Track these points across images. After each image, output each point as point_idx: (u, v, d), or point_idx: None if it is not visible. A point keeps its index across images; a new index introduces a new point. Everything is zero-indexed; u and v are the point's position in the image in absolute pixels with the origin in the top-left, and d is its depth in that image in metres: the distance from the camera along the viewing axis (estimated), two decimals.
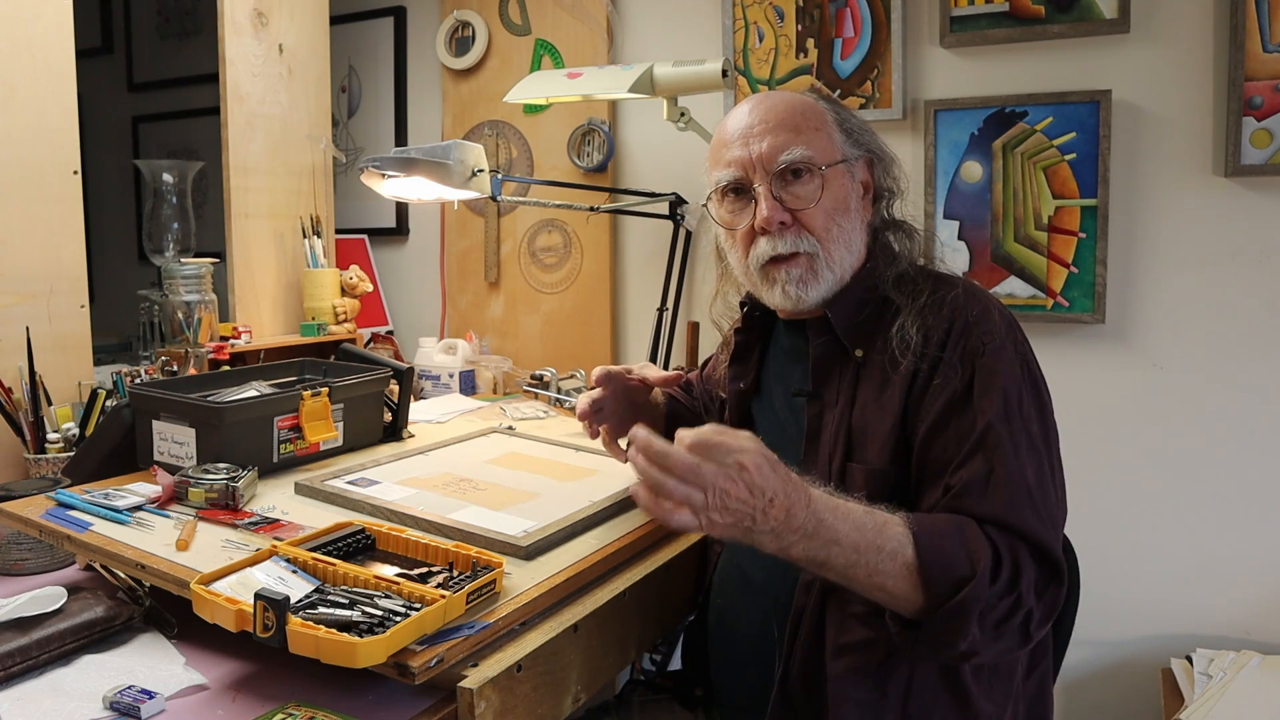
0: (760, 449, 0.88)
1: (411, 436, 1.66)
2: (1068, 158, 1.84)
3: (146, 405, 1.37)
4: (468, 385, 2.25)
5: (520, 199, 2.25)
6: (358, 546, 1.08)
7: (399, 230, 2.65)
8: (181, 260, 1.90)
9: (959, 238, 1.93)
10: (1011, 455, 0.96)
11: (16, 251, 1.54)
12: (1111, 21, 1.79)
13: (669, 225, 2.10)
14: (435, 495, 1.28)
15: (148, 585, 1.11)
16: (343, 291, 2.21)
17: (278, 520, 1.19)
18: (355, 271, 2.23)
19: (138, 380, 1.62)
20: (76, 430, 1.48)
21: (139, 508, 1.21)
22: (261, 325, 2.11)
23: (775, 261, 1.12)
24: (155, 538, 1.12)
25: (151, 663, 0.99)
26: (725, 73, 1.81)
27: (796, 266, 1.11)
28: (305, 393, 1.42)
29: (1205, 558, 1.83)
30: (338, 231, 2.36)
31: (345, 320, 2.19)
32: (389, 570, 1.00)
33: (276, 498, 1.29)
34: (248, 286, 2.08)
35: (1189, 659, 1.70)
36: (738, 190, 1.15)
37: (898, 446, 1.04)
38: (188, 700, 0.92)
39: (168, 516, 1.20)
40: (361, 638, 0.84)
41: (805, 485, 0.90)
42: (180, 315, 1.80)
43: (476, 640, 0.92)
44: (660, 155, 2.28)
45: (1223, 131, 1.75)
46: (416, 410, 1.86)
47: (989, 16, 1.87)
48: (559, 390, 2.04)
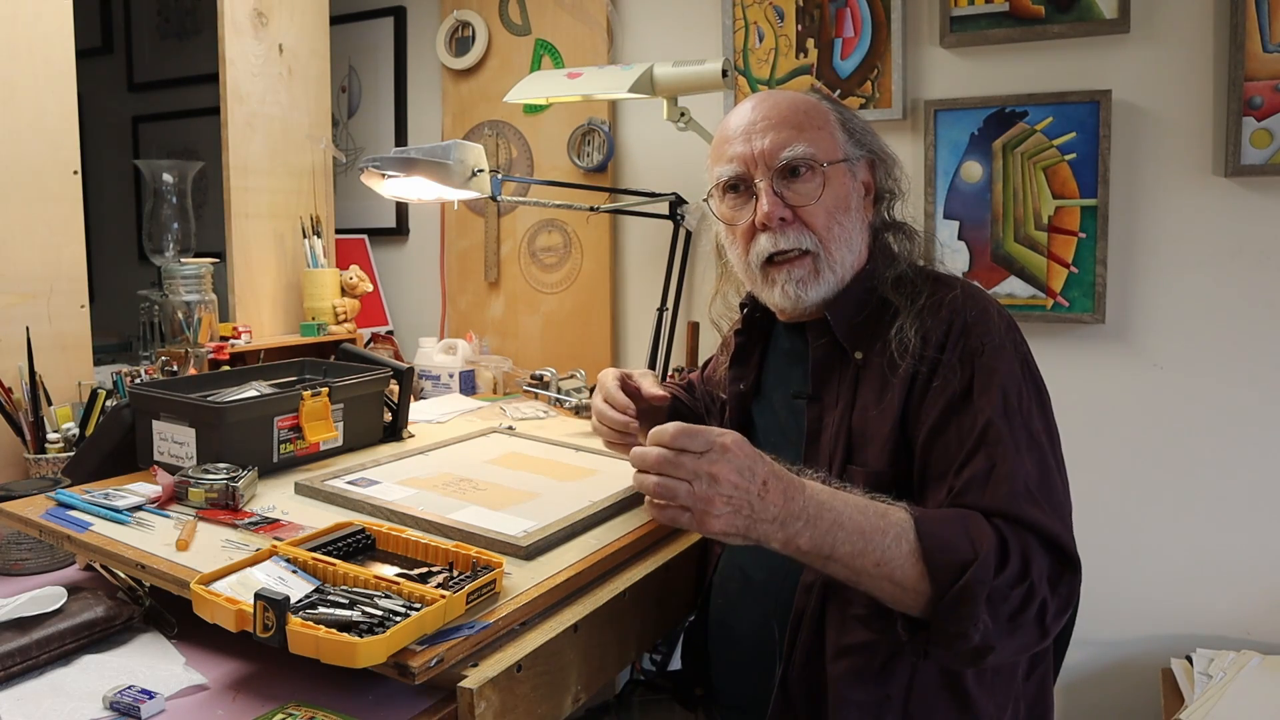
0: (738, 435, 0.88)
1: (411, 436, 1.66)
2: (1068, 158, 1.84)
3: (146, 405, 1.37)
4: (468, 385, 2.25)
5: (520, 199, 2.25)
6: (358, 546, 1.08)
7: (399, 230, 2.65)
8: (181, 260, 1.90)
9: (959, 238, 1.93)
10: (1013, 450, 0.96)
11: (16, 251, 1.54)
12: (1111, 21, 1.79)
13: (669, 225, 2.10)
14: (435, 495, 1.28)
15: (148, 585, 1.11)
16: (343, 291, 2.21)
17: (278, 520, 1.19)
18: (355, 271, 2.23)
19: (138, 380, 1.62)
20: (76, 430, 1.48)
21: (139, 508, 1.21)
22: (261, 325, 2.11)
23: (775, 262, 1.12)
24: (155, 538, 1.12)
25: (151, 663, 0.99)
26: (725, 73, 1.81)
27: (799, 267, 1.11)
28: (305, 393, 1.42)
29: (1205, 558, 1.82)
30: (338, 231, 2.36)
31: (345, 320, 2.19)
32: (389, 570, 1.00)
33: (276, 498, 1.29)
34: (248, 286, 2.08)
35: (1189, 659, 1.70)
36: (739, 186, 1.15)
37: (897, 449, 1.04)
38: (188, 700, 0.92)
39: (168, 516, 1.20)
40: (361, 638, 0.84)
41: (797, 475, 0.91)
42: (180, 315, 1.80)
43: (476, 640, 0.92)
44: (660, 155, 2.28)
45: (1223, 131, 1.75)
46: (416, 410, 1.86)
47: (989, 16, 1.87)
48: (559, 390, 2.04)
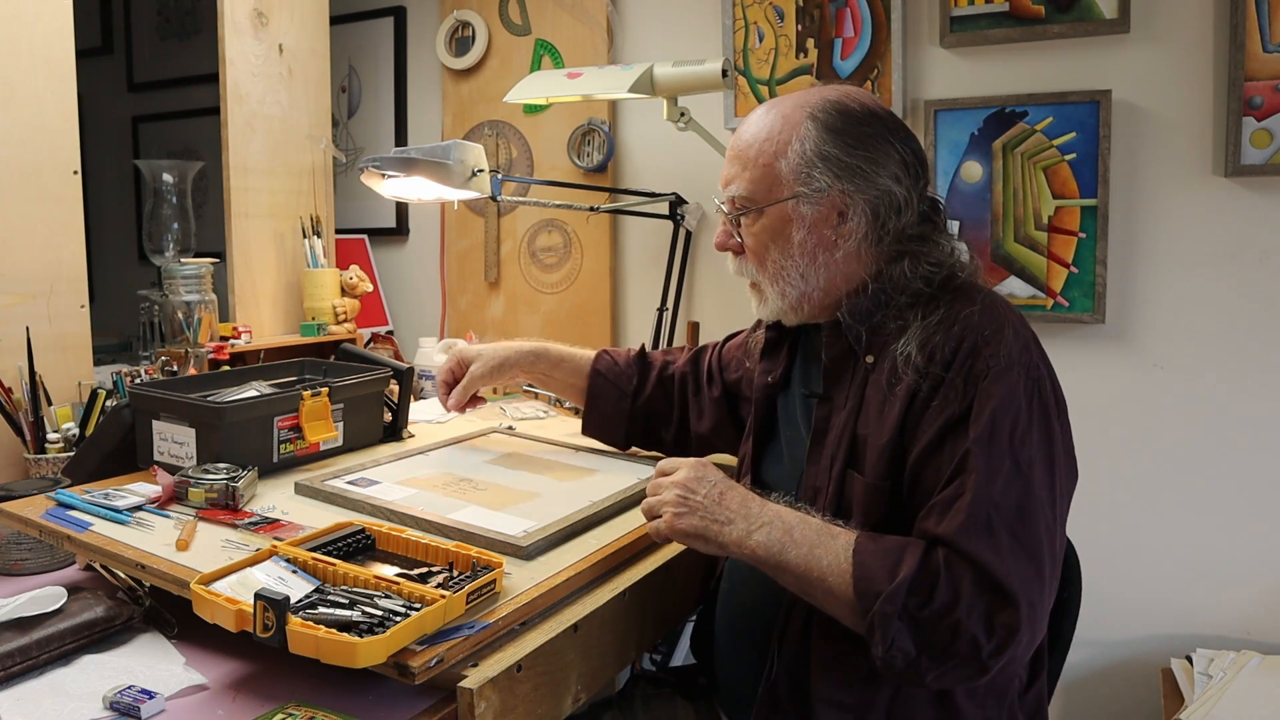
0: (703, 459, 1.09)
1: (411, 436, 1.66)
2: (1068, 158, 1.84)
3: (146, 405, 1.37)
4: None
5: (520, 199, 2.25)
6: (358, 546, 1.08)
7: (399, 230, 2.65)
8: (181, 260, 1.90)
9: (959, 238, 1.92)
10: (984, 480, 0.93)
11: (16, 251, 1.54)
12: (1111, 21, 1.79)
13: (669, 225, 2.10)
14: (435, 495, 1.28)
15: (148, 585, 1.10)
16: (343, 291, 2.21)
17: (278, 520, 1.19)
18: (355, 271, 2.23)
19: (138, 380, 1.62)
20: (76, 430, 1.48)
21: (139, 508, 1.21)
22: (261, 325, 2.11)
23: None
24: (155, 538, 1.12)
25: (151, 663, 0.99)
26: (725, 73, 1.81)
27: (752, 289, 1.19)
28: (305, 393, 1.42)
29: (1205, 558, 1.83)
30: (338, 231, 2.36)
31: (345, 320, 2.19)
32: (389, 570, 1.00)
33: (276, 498, 1.29)
34: (248, 286, 2.08)
35: (1189, 659, 1.70)
36: None
37: (892, 461, 1.03)
38: (188, 700, 0.92)
39: (168, 516, 1.20)
40: (361, 638, 0.84)
41: (765, 496, 1.04)
42: (180, 315, 1.80)
43: (476, 640, 0.92)
44: (660, 155, 2.28)
45: (1223, 131, 1.75)
46: (416, 410, 1.86)
47: (989, 16, 1.87)
48: None
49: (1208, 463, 1.82)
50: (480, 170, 1.76)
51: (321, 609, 0.90)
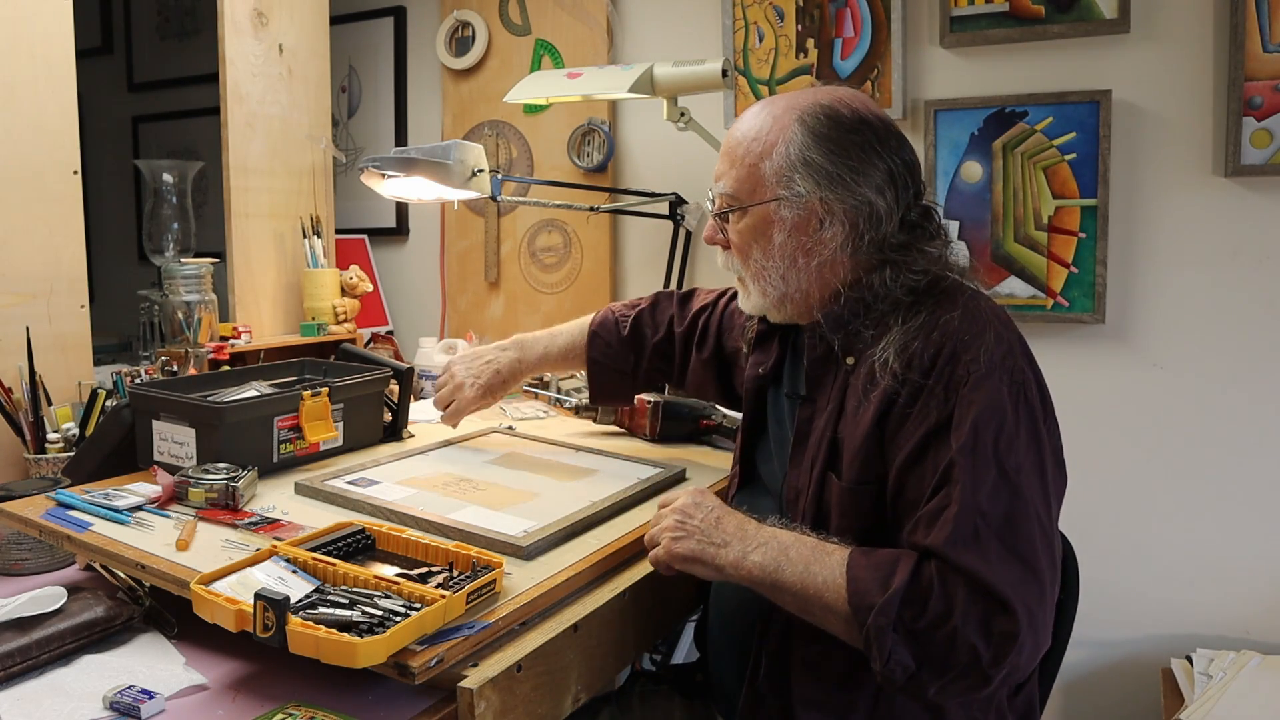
0: (696, 490, 1.11)
1: (411, 436, 1.66)
2: (1068, 158, 1.84)
3: (146, 405, 1.37)
4: None
5: (520, 199, 2.25)
6: (358, 546, 1.08)
7: (399, 230, 2.65)
8: (181, 260, 1.90)
9: (959, 237, 1.93)
10: (969, 490, 0.92)
11: (16, 251, 1.54)
12: (1111, 21, 1.79)
13: (669, 225, 2.10)
14: (435, 495, 1.28)
15: (148, 585, 1.10)
16: (343, 291, 2.21)
17: (278, 520, 1.19)
18: (355, 271, 2.23)
19: (138, 380, 1.62)
20: (76, 430, 1.48)
21: (139, 508, 1.21)
22: (261, 325, 2.11)
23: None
24: (155, 538, 1.12)
25: (151, 663, 0.99)
26: (725, 73, 1.81)
27: (739, 282, 1.20)
28: (305, 393, 1.42)
29: (1205, 558, 1.83)
30: (338, 231, 2.36)
31: (345, 320, 2.19)
32: (389, 570, 1.00)
33: (276, 498, 1.29)
34: (248, 286, 2.08)
35: (1189, 659, 1.70)
36: None
37: (867, 464, 1.02)
38: (188, 700, 0.92)
39: (168, 516, 1.20)
40: (361, 638, 0.84)
41: (760, 521, 1.05)
42: (180, 315, 1.80)
43: (476, 640, 0.92)
44: (660, 155, 2.28)
45: (1223, 131, 1.75)
46: (416, 410, 1.86)
47: (989, 16, 1.87)
48: (559, 390, 2.04)
49: (1208, 462, 1.82)
50: (480, 170, 1.76)
51: (321, 609, 0.90)
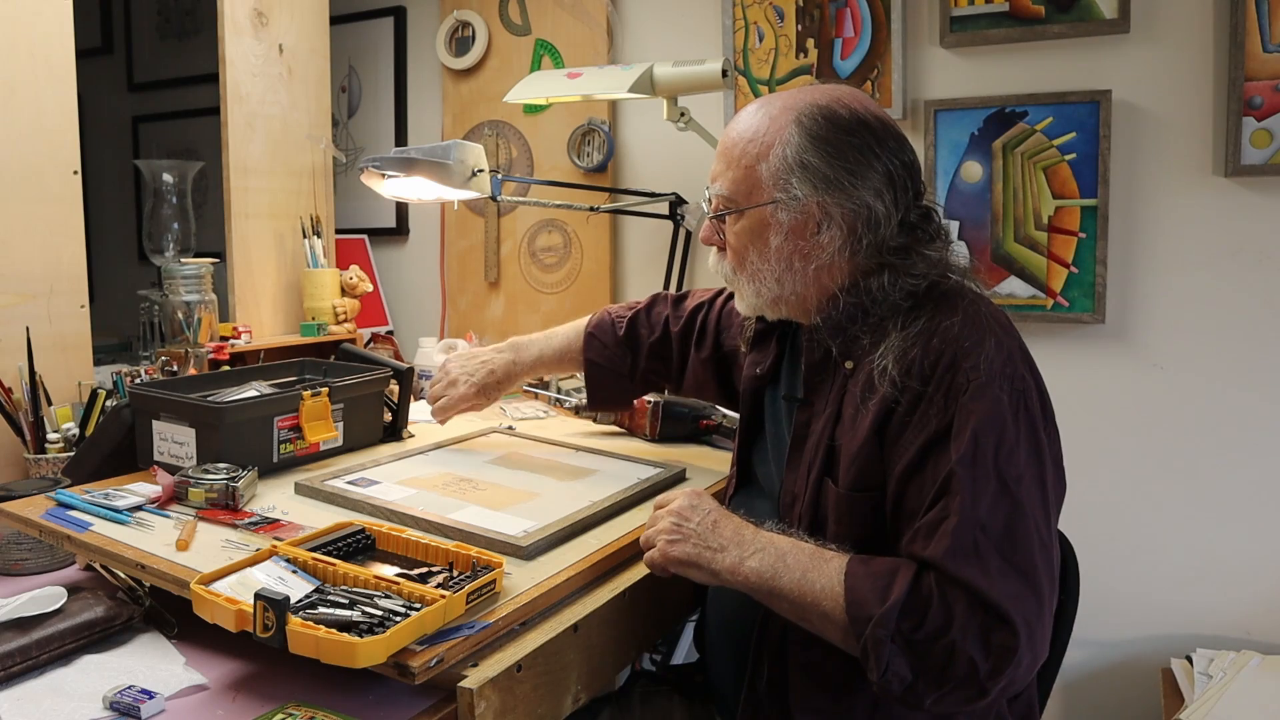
0: (693, 491, 1.10)
1: (411, 436, 1.66)
2: (1068, 158, 1.84)
3: (146, 405, 1.37)
4: None
5: (520, 199, 2.25)
6: (358, 546, 1.08)
7: (399, 230, 2.65)
8: (181, 260, 1.90)
9: (959, 237, 1.93)
10: (969, 502, 0.92)
11: (16, 251, 1.54)
12: (1111, 21, 1.79)
13: (669, 225, 2.10)
14: (435, 495, 1.28)
15: (148, 585, 1.10)
16: (343, 291, 2.21)
17: (278, 520, 1.19)
18: (355, 271, 2.23)
19: (138, 380, 1.62)
20: (76, 430, 1.48)
21: (139, 508, 1.21)
22: (261, 325, 2.11)
23: None
24: (155, 538, 1.12)
25: (151, 663, 0.99)
26: (725, 73, 1.81)
27: (730, 284, 1.19)
28: (305, 393, 1.42)
29: (1205, 558, 1.83)
30: (338, 231, 2.36)
31: (345, 320, 2.19)
32: (389, 570, 1.00)
33: (276, 498, 1.29)
34: (248, 286, 2.08)
35: (1189, 659, 1.70)
36: None
37: (865, 471, 1.01)
38: (188, 700, 0.92)
39: (168, 516, 1.20)
40: (361, 638, 0.84)
41: (759, 526, 1.04)
42: (180, 315, 1.80)
43: (476, 640, 0.92)
44: (660, 155, 2.28)
45: (1223, 131, 1.75)
46: (416, 410, 1.86)
47: (989, 16, 1.87)
48: (559, 390, 2.04)
49: (1208, 462, 1.82)
50: (480, 170, 1.76)
51: (321, 609, 0.90)
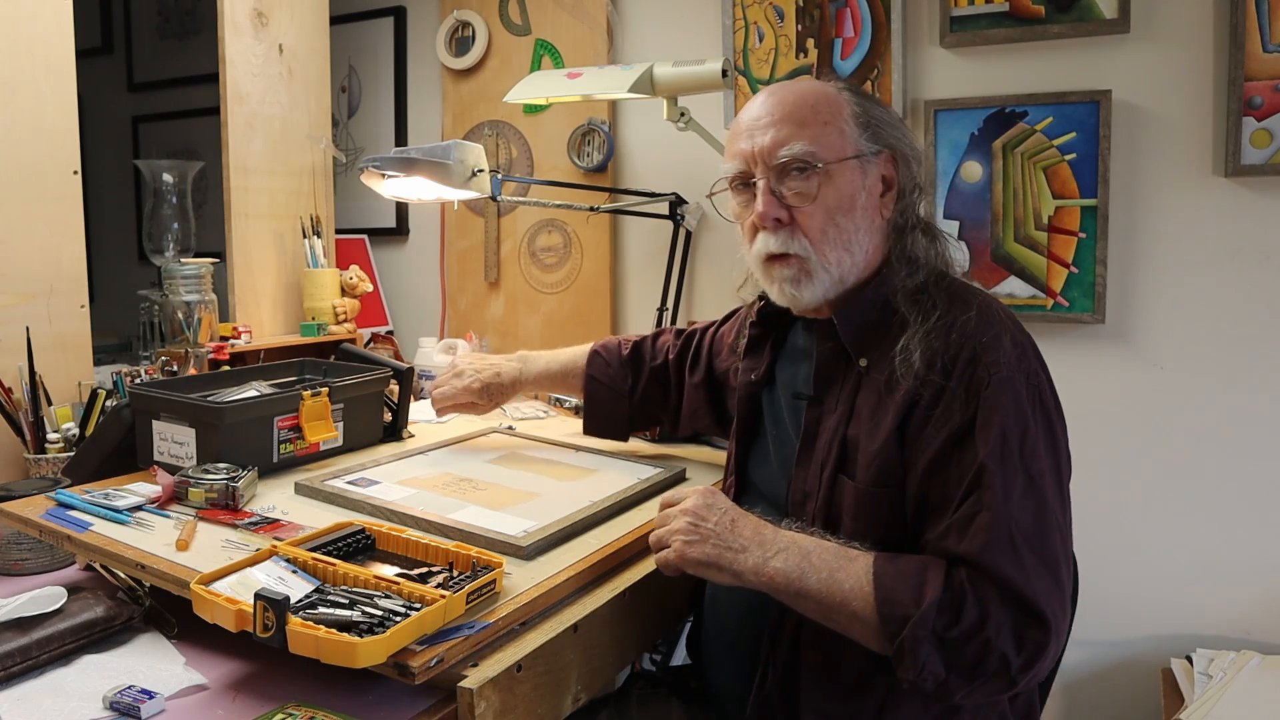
0: (706, 489, 1.06)
1: (411, 436, 1.66)
2: (1068, 158, 1.84)
3: (146, 405, 1.37)
4: None
5: (520, 199, 2.25)
6: (358, 546, 1.08)
7: (399, 230, 2.65)
8: (181, 260, 1.90)
9: (959, 237, 1.93)
10: (1001, 499, 0.93)
11: (16, 251, 1.54)
12: (1111, 21, 1.79)
13: (669, 225, 2.10)
14: (435, 495, 1.28)
15: (148, 585, 1.11)
16: (343, 291, 2.21)
17: (278, 520, 1.19)
18: (355, 271, 2.23)
19: (138, 380, 1.62)
20: (76, 430, 1.48)
21: (139, 508, 1.21)
22: (261, 325, 2.11)
23: (772, 259, 1.11)
24: (155, 538, 1.12)
25: (151, 663, 0.99)
26: (725, 73, 1.81)
27: (789, 267, 1.10)
28: (305, 393, 1.42)
29: (1205, 558, 1.82)
30: (338, 231, 2.36)
31: (345, 320, 2.19)
32: (389, 570, 1.00)
33: (276, 498, 1.29)
34: (248, 286, 2.08)
35: (1189, 659, 1.70)
36: (745, 183, 1.13)
37: (886, 467, 1.01)
38: (188, 700, 0.92)
39: (168, 516, 1.20)
40: (361, 638, 0.84)
41: (775, 524, 1.03)
42: (180, 315, 1.80)
43: (476, 640, 0.92)
44: (660, 155, 2.28)
45: (1223, 131, 1.75)
46: (416, 410, 1.86)
47: (989, 16, 1.87)
48: None
49: (1208, 463, 1.81)
50: (480, 170, 1.76)
51: (321, 609, 0.90)
